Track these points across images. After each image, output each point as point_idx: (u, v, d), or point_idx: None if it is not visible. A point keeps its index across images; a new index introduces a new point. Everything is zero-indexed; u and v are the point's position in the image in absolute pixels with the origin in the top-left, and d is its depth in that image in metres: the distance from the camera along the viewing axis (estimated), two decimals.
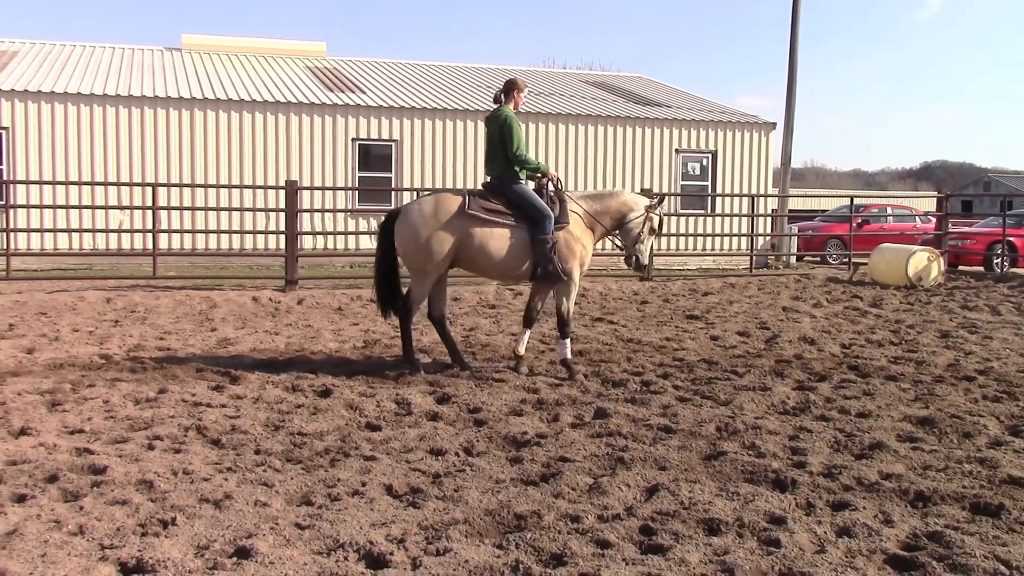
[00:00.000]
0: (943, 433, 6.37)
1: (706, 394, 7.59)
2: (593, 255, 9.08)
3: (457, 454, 5.84)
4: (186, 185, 18.49)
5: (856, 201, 26.04)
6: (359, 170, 22.73)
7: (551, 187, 8.61)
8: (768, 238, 25.43)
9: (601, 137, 24.42)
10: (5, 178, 20.03)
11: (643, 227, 8.83)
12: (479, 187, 8.86)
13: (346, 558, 4.10)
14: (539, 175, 8.65)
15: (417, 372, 8.31)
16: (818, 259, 27.04)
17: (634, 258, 8.89)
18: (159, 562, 3.96)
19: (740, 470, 5.44)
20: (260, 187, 19.04)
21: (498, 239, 8.34)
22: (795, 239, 26.14)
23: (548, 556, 4.17)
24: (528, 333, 8.86)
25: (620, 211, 8.84)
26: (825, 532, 4.45)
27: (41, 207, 18.99)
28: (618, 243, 9.09)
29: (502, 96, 8.72)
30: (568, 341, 8.61)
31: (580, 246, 8.61)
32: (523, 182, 8.55)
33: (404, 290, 8.67)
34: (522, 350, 8.75)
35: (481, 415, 6.82)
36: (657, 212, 8.93)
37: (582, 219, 8.70)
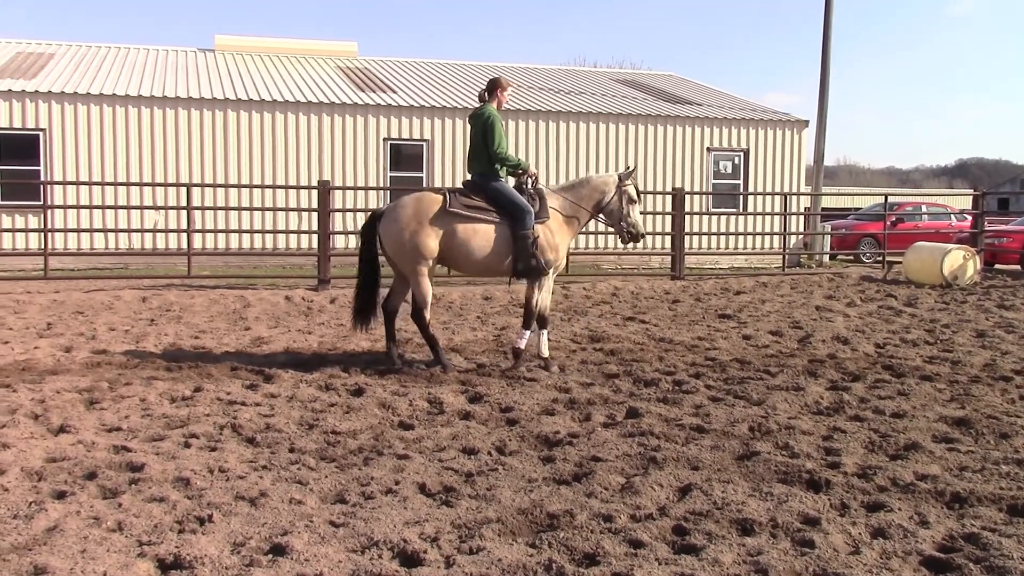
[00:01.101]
0: (979, 434, 6.31)
1: (739, 394, 7.56)
2: (623, 255, 9.17)
3: (490, 453, 5.86)
4: (220, 185, 18.65)
5: (890, 199, 25.76)
6: (391, 170, 22.83)
7: (531, 183, 8.80)
8: (801, 237, 25.25)
9: (632, 136, 24.36)
10: (43, 179, 20.31)
11: (622, 202, 8.99)
12: (460, 185, 9.09)
13: (380, 556, 4.13)
14: (519, 171, 8.83)
15: (450, 371, 8.39)
16: (851, 258, 26.83)
17: (627, 233, 9.08)
18: (196, 558, 4.01)
19: (773, 470, 5.42)
20: (293, 187, 19.20)
21: (481, 235, 8.52)
22: (828, 238, 25.95)
23: (581, 555, 4.17)
24: (545, 333, 8.88)
25: (593, 196, 9.03)
26: (860, 533, 4.42)
27: (78, 207, 19.24)
28: (608, 226, 9.27)
29: (486, 95, 8.90)
30: (527, 334, 8.76)
31: (557, 240, 8.80)
32: (503, 180, 8.74)
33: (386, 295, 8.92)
34: (545, 352, 8.78)
35: (513, 414, 6.84)
36: (629, 182, 9.07)
37: (560, 213, 8.87)
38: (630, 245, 9.51)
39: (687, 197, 20.36)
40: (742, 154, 25.32)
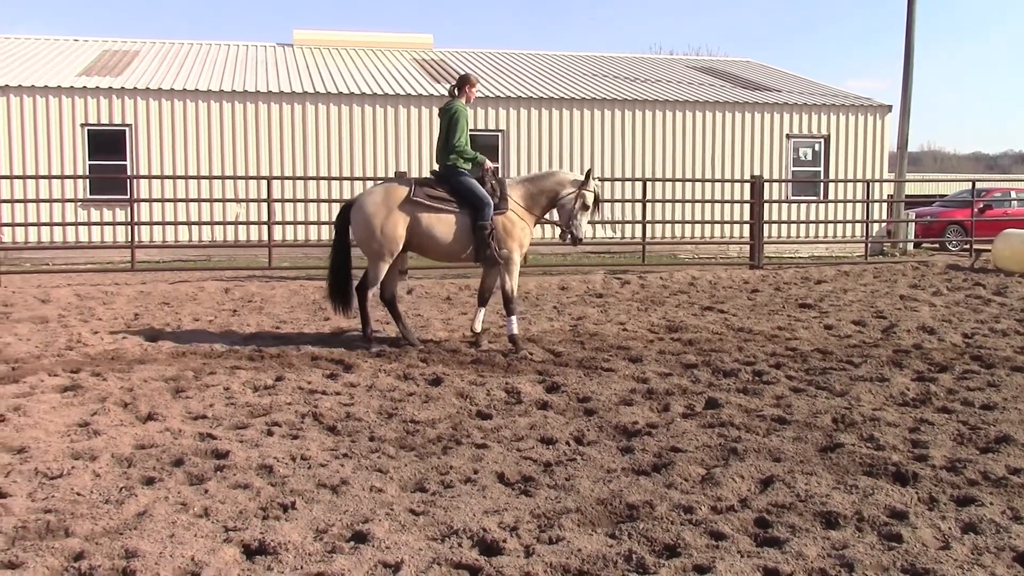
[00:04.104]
0: None
1: (821, 384, 7.42)
2: (702, 244, 9.12)
3: (568, 443, 5.85)
4: (299, 177, 18.95)
5: (978, 185, 24.98)
6: None
7: (491, 176, 9.19)
8: (884, 225, 24.66)
9: (709, 123, 24.03)
10: (129, 173, 20.87)
11: (575, 203, 9.26)
12: (427, 176, 9.63)
13: (460, 544, 4.15)
14: (479, 165, 9.22)
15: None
16: (937, 246, 26.12)
17: (569, 234, 9.38)
18: (280, 544, 4.08)
19: (858, 462, 5.31)
20: (371, 179, 19.38)
21: (443, 224, 9.04)
22: (912, 225, 25.29)
23: (661, 547, 4.14)
24: (483, 311, 9.56)
25: (554, 190, 9.38)
26: (949, 528, 4.31)
27: (163, 201, 19.71)
28: (555, 220, 9.67)
29: (455, 90, 9.38)
30: (514, 319, 9.17)
31: (518, 230, 9.20)
32: (468, 173, 9.13)
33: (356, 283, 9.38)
34: (478, 327, 9.41)
35: (591, 404, 6.82)
36: (588, 188, 9.33)
37: (520, 204, 9.26)
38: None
39: (766, 185, 20.04)
40: (822, 140, 24.81)
